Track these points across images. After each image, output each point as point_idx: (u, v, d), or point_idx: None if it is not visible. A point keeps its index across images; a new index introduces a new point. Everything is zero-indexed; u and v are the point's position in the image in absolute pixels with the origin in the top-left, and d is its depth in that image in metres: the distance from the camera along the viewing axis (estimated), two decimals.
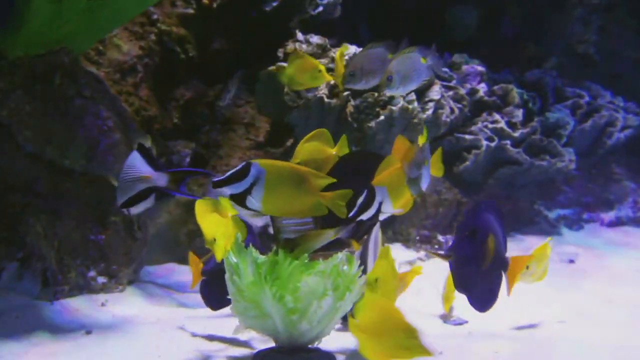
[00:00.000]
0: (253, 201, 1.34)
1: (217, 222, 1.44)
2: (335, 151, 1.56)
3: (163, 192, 1.55)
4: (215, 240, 1.43)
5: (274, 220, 1.51)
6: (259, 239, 1.72)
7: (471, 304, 1.48)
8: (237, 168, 1.32)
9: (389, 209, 1.42)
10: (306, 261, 1.47)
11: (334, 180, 1.37)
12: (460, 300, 1.64)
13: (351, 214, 1.39)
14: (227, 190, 1.32)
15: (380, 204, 1.40)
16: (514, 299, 2.12)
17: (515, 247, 2.92)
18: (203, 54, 2.85)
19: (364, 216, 1.41)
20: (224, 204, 1.45)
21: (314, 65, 1.99)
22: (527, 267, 1.83)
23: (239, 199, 1.33)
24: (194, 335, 1.73)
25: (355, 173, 1.46)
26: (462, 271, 1.47)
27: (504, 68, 3.60)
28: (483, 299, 1.50)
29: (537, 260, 1.84)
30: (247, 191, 1.33)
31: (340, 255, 1.48)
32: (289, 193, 1.36)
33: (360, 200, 1.39)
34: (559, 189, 3.45)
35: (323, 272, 1.43)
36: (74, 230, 2.04)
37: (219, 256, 1.42)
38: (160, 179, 1.54)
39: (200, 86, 2.83)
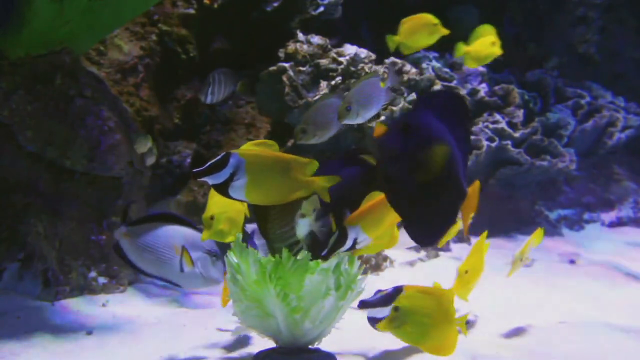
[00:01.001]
0: (236, 191, 1.34)
1: (226, 204, 1.45)
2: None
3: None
4: (212, 218, 1.44)
5: (264, 232, 1.51)
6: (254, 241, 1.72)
7: (407, 231, 1.17)
8: (216, 158, 1.32)
9: (366, 242, 1.41)
10: (309, 260, 1.47)
11: (317, 164, 1.38)
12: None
13: (323, 254, 1.40)
14: (209, 181, 1.32)
15: (355, 240, 1.40)
16: (514, 299, 2.13)
17: (516, 247, 2.91)
18: (204, 54, 2.85)
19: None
20: None
21: (428, 21, 1.98)
22: (522, 259, 1.84)
23: (221, 189, 1.33)
24: (195, 335, 1.73)
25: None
26: (392, 181, 1.10)
27: (504, 68, 3.60)
28: (424, 227, 1.14)
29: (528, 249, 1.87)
30: (228, 181, 1.33)
31: (342, 254, 1.48)
32: (273, 181, 1.36)
33: (332, 240, 1.40)
34: (560, 190, 3.44)
35: (326, 271, 1.43)
36: (75, 230, 2.04)
37: (204, 235, 1.43)
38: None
39: (201, 86, 2.83)
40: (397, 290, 1.46)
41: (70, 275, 1.99)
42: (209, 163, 1.32)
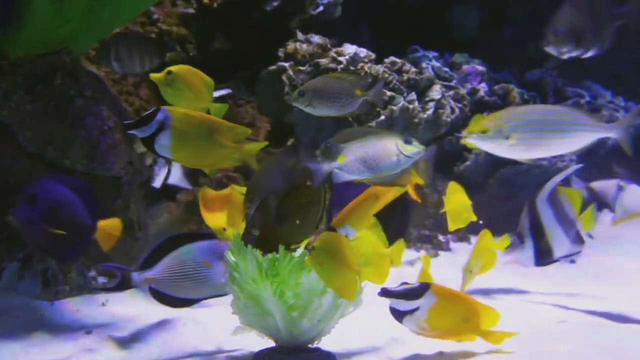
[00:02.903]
0: (161, 147, 1.33)
1: (221, 213, 1.45)
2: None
3: None
4: (225, 229, 1.44)
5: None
6: None
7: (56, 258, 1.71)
8: (147, 112, 1.32)
9: (354, 235, 1.43)
10: (306, 258, 1.47)
11: (249, 130, 1.37)
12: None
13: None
14: (137, 134, 1.32)
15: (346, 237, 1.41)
16: (514, 298, 2.13)
17: None
18: (204, 54, 2.85)
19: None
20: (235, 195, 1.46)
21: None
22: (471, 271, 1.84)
23: (148, 144, 1.32)
24: (195, 335, 1.73)
25: None
26: (33, 235, 1.63)
27: (504, 68, 3.60)
28: (67, 255, 1.69)
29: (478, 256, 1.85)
30: (154, 136, 1.32)
31: None
32: (199, 142, 1.34)
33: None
34: None
35: None
36: None
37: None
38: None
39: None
40: (423, 286, 1.47)
41: (69, 274, 1.99)
42: (140, 116, 1.33)
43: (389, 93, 2.67)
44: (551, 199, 1.37)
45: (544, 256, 1.36)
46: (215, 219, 1.49)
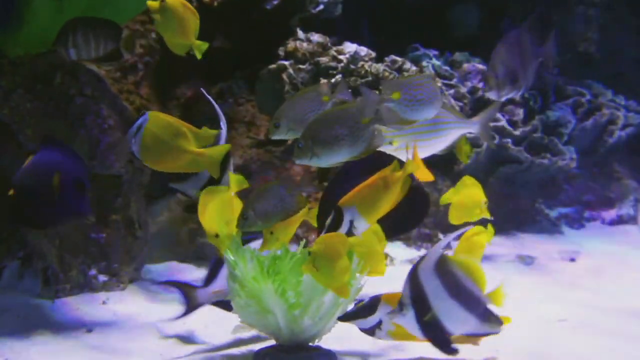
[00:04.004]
0: (136, 147, 1.35)
1: (218, 214, 1.45)
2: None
3: None
4: (217, 235, 1.43)
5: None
6: None
7: None
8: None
9: (363, 226, 1.36)
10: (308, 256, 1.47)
11: (213, 136, 1.39)
12: None
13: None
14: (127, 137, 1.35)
15: (351, 222, 1.35)
16: (513, 297, 2.12)
17: (518, 246, 2.92)
18: (204, 53, 2.85)
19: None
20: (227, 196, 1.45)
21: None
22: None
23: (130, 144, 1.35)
24: (196, 333, 1.74)
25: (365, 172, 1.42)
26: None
27: None
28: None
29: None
30: (133, 135, 1.35)
31: None
32: (164, 145, 1.35)
33: (328, 221, 1.36)
34: (560, 188, 3.43)
35: None
36: (75, 228, 2.04)
37: (223, 251, 1.43)
38: None
39: (201, 85, 2.82)
40: (373, 300, 1.45)
41: (70, 273, 1.99)
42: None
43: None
44: (439, 269, 1.25)
45: (431, 330, 1.25)
46: (210, 222, 1.48)
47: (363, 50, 2.77)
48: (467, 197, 1.80)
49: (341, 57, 2.71)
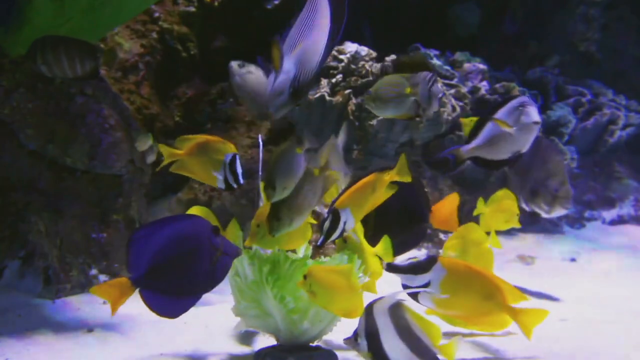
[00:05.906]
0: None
1: None
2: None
3: None
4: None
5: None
6: None
7: None
8: None
9: (352, 225, 1.43)
10: (308, 261, 1.47)
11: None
12: None
13: (319, 242, 1.42)
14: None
15: (345, 223, 1.41)
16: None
17: (518, 245, 2.92)
18: (205, 52, 2.85)
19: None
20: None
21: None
22: None
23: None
24: (196, 333, 1.74)
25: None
26: None
27: (505, 66, 3.60)
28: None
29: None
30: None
31: (339, 256, 1.48)
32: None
33: (325, 225, 1.41)
34: None
35: None
36: (76, 228, 2.04)
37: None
38: None
39: (202, 84, 2.83)
40: (430, 259, 1.41)
41: (71, 273, 1.99)
42: None
43: None
44: (393, 313, 1.25)
45: None
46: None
47: (364, 50, 2.77)
48: (502, 207, 1.93)
49: (342, 56, 2.71)
